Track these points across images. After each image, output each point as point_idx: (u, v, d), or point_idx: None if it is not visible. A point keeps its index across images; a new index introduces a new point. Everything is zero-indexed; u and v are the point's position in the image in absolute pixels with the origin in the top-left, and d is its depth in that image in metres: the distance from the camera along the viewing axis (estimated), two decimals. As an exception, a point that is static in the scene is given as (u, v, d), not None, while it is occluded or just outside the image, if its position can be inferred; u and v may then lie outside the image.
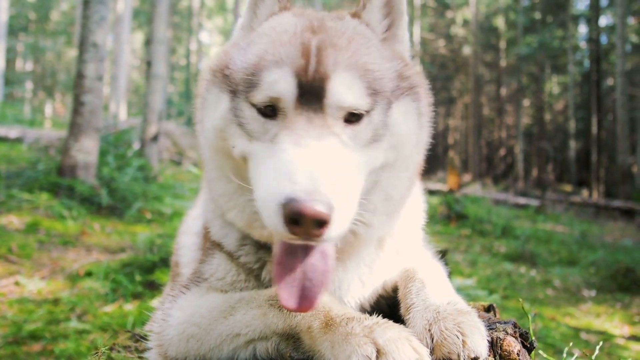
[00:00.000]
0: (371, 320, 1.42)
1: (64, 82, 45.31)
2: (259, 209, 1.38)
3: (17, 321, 4.72)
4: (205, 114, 1.73)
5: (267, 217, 1.34)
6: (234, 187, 1.70)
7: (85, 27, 9.30)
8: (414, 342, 1.34)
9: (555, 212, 23.17)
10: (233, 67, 1.63)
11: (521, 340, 1.50)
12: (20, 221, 7.74)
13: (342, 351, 1.34)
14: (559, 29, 41.68)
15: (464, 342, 1.35)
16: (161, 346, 1.78)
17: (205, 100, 1.74)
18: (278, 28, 1.66)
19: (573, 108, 40.28)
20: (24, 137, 15.55)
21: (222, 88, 1.65)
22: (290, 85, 1.48)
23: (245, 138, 1.56)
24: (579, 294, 9.23)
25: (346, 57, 1.54)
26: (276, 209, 1.29)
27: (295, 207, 1.24)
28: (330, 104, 1.50)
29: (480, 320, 1.43)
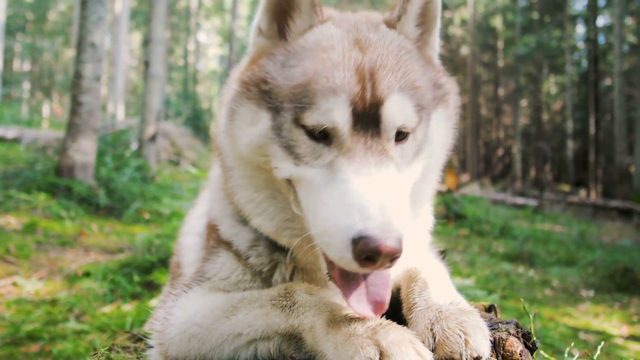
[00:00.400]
0: (374, 322, 1.41)
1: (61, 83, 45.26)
2: (322, 240, 1.37)
3: (15, 322, 4.71)
4: (237, 126, 1.66)
5: (334, 249, 1.33)
6: (263, 195, 1.69)
7: (83, 27, 9.29)
8: (418, 345, 1.33)
9: (553, 212, 23.20)
10: (274, 83, 1.57)
11: (523, 340, 1.49)
12: (18, 222, 7.72)
13: (345, 352, 1.33)
14: (556, 29, 41.75)
15: (467, 341, 1.34)
16: (162, 345, 1.77)
17: (236, 112, 1.66)
18: (324, 43, 1.59)
19: (571, 108, 40.33)
20: (22, 138, 15.54)
21: (260, 104, 1.59)
22: (346, 114, 1.46)
23: (290, 161, 1.53)
24: (577, 294, 9.24)
25: (398, 79, 1.54)
26: (347, 244, 1.29)
27: (370, 245, 1.24)
28: (385, 129, 1.50)
29: (482, 320, 1.42)
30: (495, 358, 1.42)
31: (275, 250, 1.84)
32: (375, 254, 1.25)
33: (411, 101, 1.54)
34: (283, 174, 1.56)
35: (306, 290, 1.65)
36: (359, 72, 1.51)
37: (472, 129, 44.74)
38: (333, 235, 1.33)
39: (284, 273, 1.84)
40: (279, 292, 1.66)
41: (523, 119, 48.32)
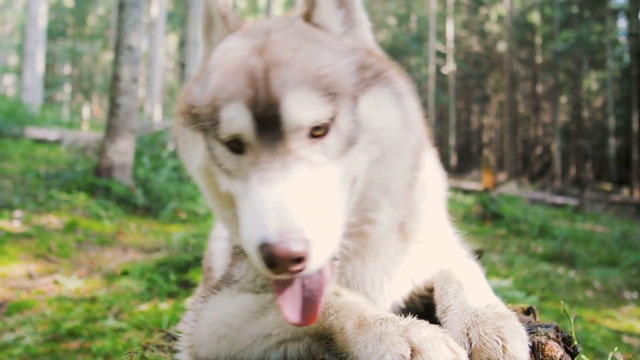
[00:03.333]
0: (406, 321, 1.38)
1: (100, 85, 46.37)
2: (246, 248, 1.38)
3: (56, 319, 4.82)
4: (189, 155, 1.71)
5: (251, 258, 1.35)
6: (230, 213, 1.68)
7: (120, 31, 9.46)
8: (451, 342, 1.30)
9: (594, 212, 22.63)
10: (198, 105, 1.57)
11: (564, 344, 1.44)
12: (59, 221, 7.91)
13: (376, 351, 1.30)
14: (597, 23, 40.67)
15: (504, 347, 1.29)
16: (192, 347, 1.78)
17: (184, 142, 1.70)
18: (226, 56, 1.59)
19: (612, 105, 39.24)
20: (63, 139, 15.90)
21: (195, 129, 1.60)
22: (245, 119, 1.43)
23: (225, 176, 1.55)
24: (620, 295, 8.99)
25: (293, 73, 1.46)
26: (255, 252, 1.30)
27: (266, 251, 1.25)
28: (287, 128, 1.43)
29: (521, 325, 1.38)
30: (534, 363, 1.37)
31: None
32: (274, 260, 1.25)
33: (316, 92, 1.45)
34: (224, 190, 1.58)
35: (336, 292, 1.64)
36: (250, 76, 1.46)
37: (510, 126, 43.94)
38: (246, 245, 1.36)
39: None
40: None
41: (562, 117, 47.25)
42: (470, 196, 22.21)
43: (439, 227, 1.98)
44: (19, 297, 5.29)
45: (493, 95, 52.88)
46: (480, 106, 55.67)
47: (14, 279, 5.77)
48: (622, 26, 44.08)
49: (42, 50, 26.11)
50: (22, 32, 38.89)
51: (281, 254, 1.24)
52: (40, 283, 5.73)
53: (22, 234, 7.08)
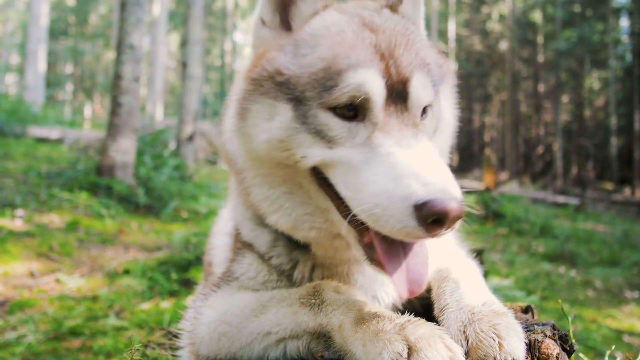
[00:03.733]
0: (403, 318, 1.40)
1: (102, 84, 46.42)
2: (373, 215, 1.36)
3: (58, 317, 4.83)
4: (252, 124, 1.63)
5: (391, 220, 1.32)
6: (279, 192, 1.67)
7: (122, 30, 9.47)
8: (447, 340, 1.31)
9: (596, 211, 22.61)
10: (289, 73, 1.55)
11: (560, 342, 1.45)
12: (61, 220, 7.93)
13: (373, 348, 1.32)
14: (599, 22, 40.62)
15: (501, 344, 1.31)
16: (193, 344, 1.79)
17: (249, 110, 1.63)
18: (333, 28, 1.60)
19: (614, 104, 39.18)
20: (65, 138, 15.93)
21: (278, 97, 1.56)
22: (379, 85, 1.48)
23: (322, 145, 1.51)
24: (621, 295, 8.98)
25: (414, 57, 1.57)
26: (409, 211, 1.29)
27: (437, 207, 1.25)
28: (413, 104, 1.53)
29: (517, 322, 1.39)
30: (531, 361, 1.38)
31: (293, 249, 1.84)
32: (443, 216, 1.26)
33: (428, 78, 1.58)
34: (312, 161, 1.53)
35: (334, 289, 1.65)
36: (378, 50, 1.53)
37: (511, 126, 43.93)
38: (390, 206, 1.32)
39: (303, 271, 1.83)
40: (308, 291, 1.66)
41: (564, 116, 47.20)
42: (472, 195, 22.20)
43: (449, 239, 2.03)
44: (21, 295, 5.31)
45: (495, 94, 52.84)
46: (482, 105, 55.61)
47: (16, 277, 5.79)
48: (624, 25, 44.09)
49: (44, 49, 26.15)
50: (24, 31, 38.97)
51: (454, 212, 1.26)
52: (42, 281, 5.74)
53: (24, 233, 7.09)
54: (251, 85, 1.63)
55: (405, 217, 1.29)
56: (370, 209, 1.35)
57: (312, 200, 1.65)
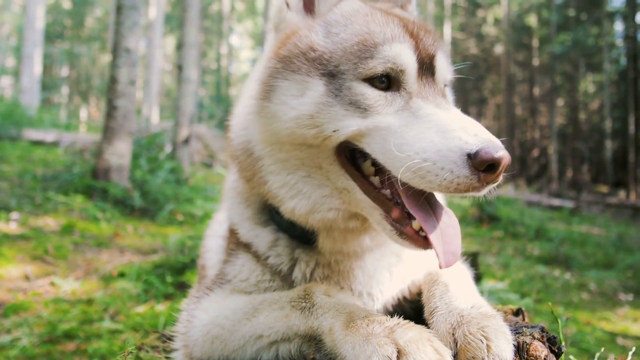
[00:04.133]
0: (392, 321, 1.41)
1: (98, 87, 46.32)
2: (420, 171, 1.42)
3: (52, 321, 4.83)
4: (278, 101, 1.66)
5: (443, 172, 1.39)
6: (298, 176, 1.70)
7: (117, 33, 9.47)
8: (436, 343, 1.33)
9: (590, 214, 22.69)
10: (322, 49, 1.63)
11: (549, 344, 1.47)
12: (56, 223, 7.92)
13: (363, 352, 1.33)
14: (593, 26, 40.81)
15: (489, 346, 1.32)
16: (187, 347, 1.81)
17: (276, 88, 1.67)
18: (361, 11, 1.73)
19: (609, 107, 39.32)
20: (60, 141, 15.89)
21: (310, 73, 1.62)
22: (412, 57, 1.61)
23: (356, 115, 1.56)
24: (615, 297, 9.02)
25: (435, 39, 1.72)
26: (462, 160, 1.37)
27: (491, 153, 1.36)
28: (439, 79, 1.70)
29: (505, 324, 1.41)
30: (519, 363, 1.40)
31: (296, 247, 1.87)
32: (497, 161, 1.35)
33: (447, 59, 1.77)
34: (347, 132, 1.57)
35: (325, 292, 1.67)
36: (408, 29, 1.67)
37: (507, 129, 44.03)
38: (441, 158, 1.39)
39: (304, 270, 1.86)
40: (298, 294, 1.68)
41: (559, 119, 47.35)
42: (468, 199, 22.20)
43: None
44: (15, 298, 5.30)
45: (490, 97, 52.97)
46: (478, 108, 55.72)
47: (11, 280, 5.78)
48: (618, 29, 44.30)
49: (39, 52, 26.10)
50: (19, 34, 38.90)
51: (505, 159, 1.37)
52: (37, 285, 5.73)
53: (19, 236, 7.09)
54: (280, 63, 1.69)
55: (458, 166, 1.38)
56: (417, 165, 1.41)
57: (330, 182, 1.68)
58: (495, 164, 1.35)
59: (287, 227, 1.84)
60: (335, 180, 1.66)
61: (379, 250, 1.86)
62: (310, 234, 1.81)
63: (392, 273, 1.89)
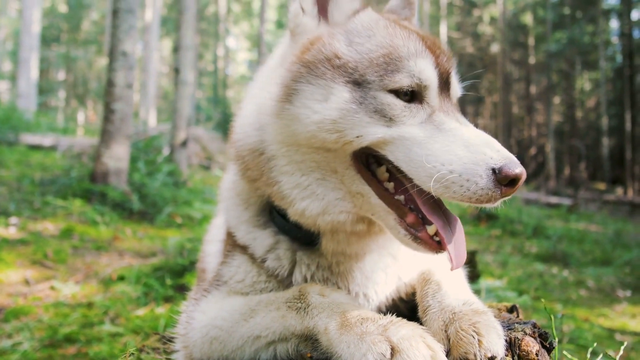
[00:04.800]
0: (386, 319, 1.45)
1: (95, 91, 46.27)
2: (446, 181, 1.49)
3: (53, 324, 4.85)
4: (301, 105, 1.67)
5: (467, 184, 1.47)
6: (312, 178, 1.73)
7: (114, 37, 9.49)
8: (428, 339, 1.36)
9: (588, 211, 22.74)
10: (347, 58, 1.67)
11: (540, 340, 1.50)
12: (55, 227, 7.93)
13: (358, 350, 1.36)
14: (589, 24, 40.89)
15: (480, 342, 1.36)
16: (187, 348, 1.84)
17: (299, 92, 1.69)
18: (380, 23, 1.78)
19: (605, 104, 39.43)
20: (58, 145, 15.88)
21: (335, 79, 1.65)
22: (434, 73, 1.68)
23: (381, 124, 1.60)
24: (613, 294, 9.06)
25: (447, 55, 1.79)
26: (487, 174, 1.46)
27: (513, 170, 1.46)
28: (454, 94, 1.79)
29: (496, 320, 1.44)
30: (511, 358, 1.43)
31: (297, 249, 1.89)
32: (517, 178, 1.46)
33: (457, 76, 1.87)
34: (371, 139, 1.61)
35: (319, 292, 1.70)
36: (427, 45, 1.73)
37: (504, 127, 44.10)
38: (465, 171, 1.48)
39: (304, 273, 1.88)
40: (294, 295, 1.71)
41: (556, 117, 47.43)
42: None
43: None
44: (15, 303, 5.32)
45: (487, 96, 53.02)
46: (475, 107, 55.79)
47: (11, 285, 5.80)
48: (614, 26, 44.32)
49: (36, 56, 26.08)
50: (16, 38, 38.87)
51: (524, 175, 1.48)
52: (37, 289, 5.75)
53: (18, 241, 7.10)
54: (304, 68, 1.71)
55: (483, 179, 1.46)
56: (443, 176, 1.48)
57: (343, 186, 1.72)
58: (516, 179, 1.46)
59: (290, 229, 1.86)
60: (349, 184, 1.70)
61: (377, 252, 1.90)
62: (313, 236, 1.84)
63: (387, 274, 1.92)
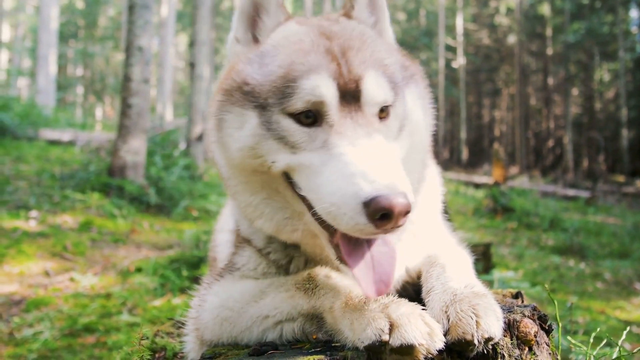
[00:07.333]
0: (387, 299, 1.48)
1: (112, 86, 46.65)
2: (330, 214, 1.42)
3: (73, 315, 4.97)
4: (226, 134, 1.72)
5: (345, 218, 1.38)
6: (260, 198, 1.76)
7: (130, 32, 9.59)
8: (427, 317, 1.40)
9: (606, 204, 22.49)
10: (254, 82, 1.65)
11: (540, 322, 1.54)
12: (74, 220, 8.07)
13: (359, 325, 1.41)
14: (608, 14, 40.27)
15: (478, 322, 1.39)
16: (197, 330, 1.90)
17: (223, 120, 1.72)
18: (292, 38, 1.71)
19: (625, 96, 38.81)
20: (76, 140, 16.06)
21: (245, 105, 1.65)
22: (331, 88, 1.55)
23: (286, 151, 1.58)
24: (630, 286, 8.99)
25: (368, 57, 1.65)
26: (359, 208, 1.35)
27: (383, 202, 1.31)
28: (366, 102, 1.59)
29: (496, 303, 1.48)
30: (510, 339, 1.47)
31: (287, 246, 1.93)
32: (389, 211, 1.31)
33: (384, 77, 1.65)
34: (280, 167, 1.61)
35: (326, 275, 1.75)
36: (331, 54, 1.62)
37: (521, 119, 43.69)
38: (342, 205, 1.39)
39: (298, 266, 1.93)
40: (303, 277, 1.77)
41: (574, 109, 46.90)
42: (481, 190, 22.16)
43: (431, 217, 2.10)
44: (36, 294, 5.45)
45: (504, 88, 52.57)
46: (491, 100, 55.36)
47: (32, 276, 5.94)
48: (633, 16, 43.65)
49: (54, 53, 26.40)
50: (34, 35, 39.31)
51: (399, 206, 1.32)
52: (57, 280, 5.88)
53: (38, 233, 7.25)
54: (224, 97, 1.73)
55: (356, 214, 1.36)
56: (327, 209, 1.43)
57: (289, 205, 1.73)
58: (388, 213, 1.32)
59: None
60: (292, 203, 1.71)
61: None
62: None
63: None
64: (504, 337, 1.45)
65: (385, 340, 1.33)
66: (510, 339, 1.47)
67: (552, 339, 1.57)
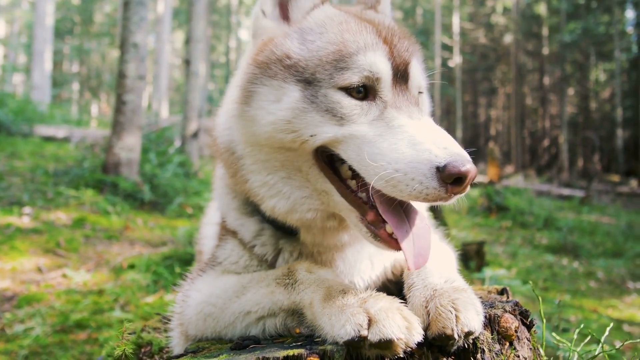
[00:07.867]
0: (366, 293, 1.50)
1: (108, 83, 46.58)
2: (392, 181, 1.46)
3: (65, 311, 4.97)
4: (257, 106, 1.70)
5: (413, 183, 1.43)
6: (278, 177, 1.76)
7: (125, 29, 9.55)
8: (405, 312, 1.41)
9: (601, 203, 22.57)
10: (297, 57, 1.66)
11: (521, 318, 1.55)
12: (68, 217, 8.06)
13: (338, 321, 1.42)
14: (604, 14, 40.35)
15: (457, 317, 1.40)
16: (182, 325, 1.91)
17: (255, 93, 1.71)
18: (336, 19, 1.75)
19: (620, 96, 38.94)
20: (71, 137, 16.02)
21: (287, 79, 1.65)
22: (387, 65, 1.64)
23: (333, 123, 1.60)
24: (623, 285, 9.04)
25: (409, 45, 1.76)
26: (430, 173, 1.41)
27: (458, 168, 1.39)
28: (413, 85, 1.71)
29: (476, 298, 1.48)
30: (491, 334, 1.48)
31: (280, 237, 1.93)
32: (463, 175, 1.40)
33: (421, 67, 1.80)
34: (323, 138, 1.61)
35: (307, 269, 1.75)
36: (381, 36, 1.69)
37: (517, 119, 43.79)
38: (411, 170, 1.44)
39: (287, 260, 1.92)
40: (283, 272, 1.77)
41: (570, 108, 46.99)
42: (476, 188, 22.20)
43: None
44: (28, 290, 5.45)
45: (500, 87, 52.67)
46: (487, 99, 55.45)
47: (24, 272, 5.93)
48: (629, 16, 43.69)
49: (50, 49, 26.31)
50: (30, 31, 39.18)
51: (472, 173, 1.41)
52: (50, 277, 5.87)
53: (32, 230, 7.24)
54: (258, 69, 1.73)
55: (427, 178, 1.42)
56: (389, 175, 1.47)
57: (309, 184, 1.73)
58: (462, 177, 1.40)
59: (272, 218, 1.88)
60: (314, 182, 1.71)
61: (359, 242, 1.91)
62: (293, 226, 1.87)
63: (373, 262, 1.96)
64: (485, 331, 1.46)
65: (364, 335, 1.34)
66: (491, 334, 1.48)
67: (534, 334, 1.58)
